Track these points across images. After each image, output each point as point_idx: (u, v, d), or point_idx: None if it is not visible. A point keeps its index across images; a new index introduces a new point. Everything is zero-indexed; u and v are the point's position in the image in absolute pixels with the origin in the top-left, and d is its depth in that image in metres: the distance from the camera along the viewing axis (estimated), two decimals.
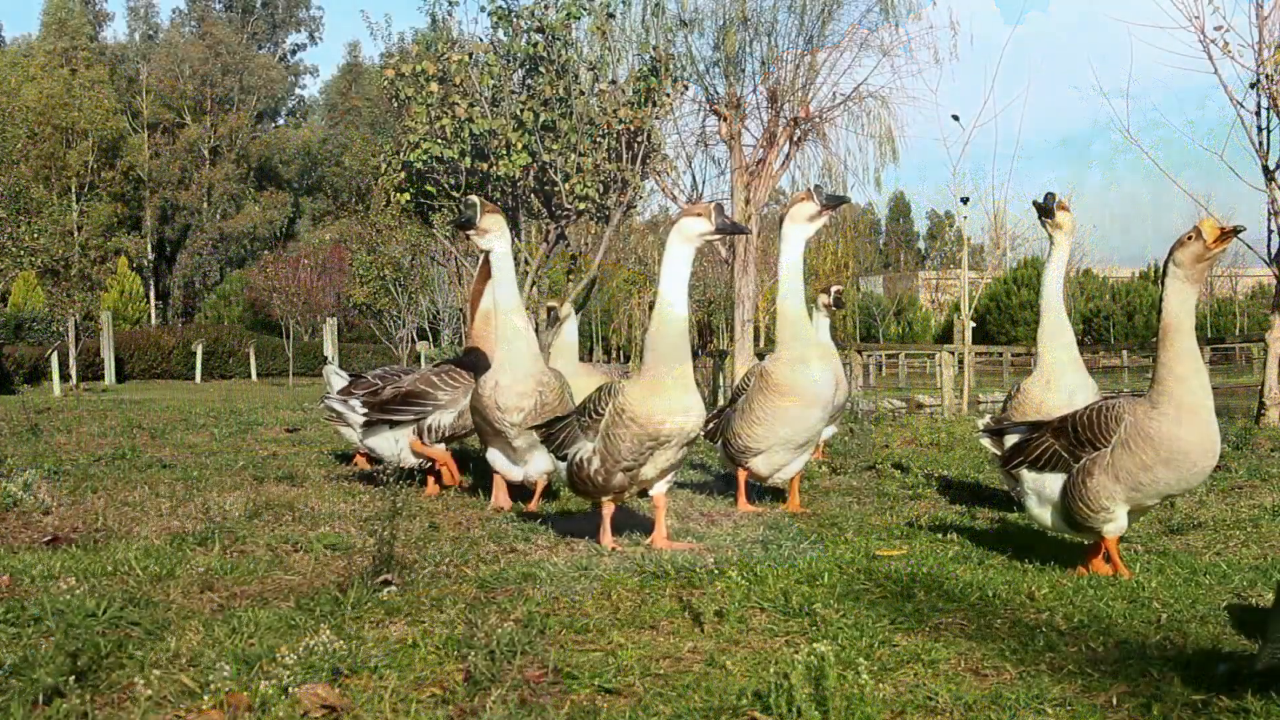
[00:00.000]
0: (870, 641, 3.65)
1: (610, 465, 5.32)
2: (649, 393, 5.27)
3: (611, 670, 3.37)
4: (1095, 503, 4.72)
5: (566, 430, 5.54)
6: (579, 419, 5.48)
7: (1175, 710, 3.06)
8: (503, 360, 6.46)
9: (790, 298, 6.54)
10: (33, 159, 58.53)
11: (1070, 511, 4.83)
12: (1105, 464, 4.69)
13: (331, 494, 7.04)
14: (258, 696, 3.03)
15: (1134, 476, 4.64)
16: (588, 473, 5.37)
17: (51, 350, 32.41)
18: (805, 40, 23.59)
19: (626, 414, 5.25)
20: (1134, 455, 4.62)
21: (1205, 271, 4.63)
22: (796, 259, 6.55)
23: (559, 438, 5.57)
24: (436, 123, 15.57)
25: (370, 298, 44.95)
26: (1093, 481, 4.71)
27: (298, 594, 4.31)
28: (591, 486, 5.41)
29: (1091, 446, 4.76)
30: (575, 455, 5.44)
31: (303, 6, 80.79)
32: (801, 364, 6.46)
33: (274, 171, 75.95)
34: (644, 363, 5.38)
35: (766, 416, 6.54)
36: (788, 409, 6.51)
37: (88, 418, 13.31)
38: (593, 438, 5.36)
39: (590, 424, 5.38)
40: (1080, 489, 4.75)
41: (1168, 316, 4.60)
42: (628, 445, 5.27)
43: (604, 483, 5.37)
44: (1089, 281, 67.80)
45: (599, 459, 5.33)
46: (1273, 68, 12.55)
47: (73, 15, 66.69)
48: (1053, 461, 4.92)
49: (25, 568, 4.62)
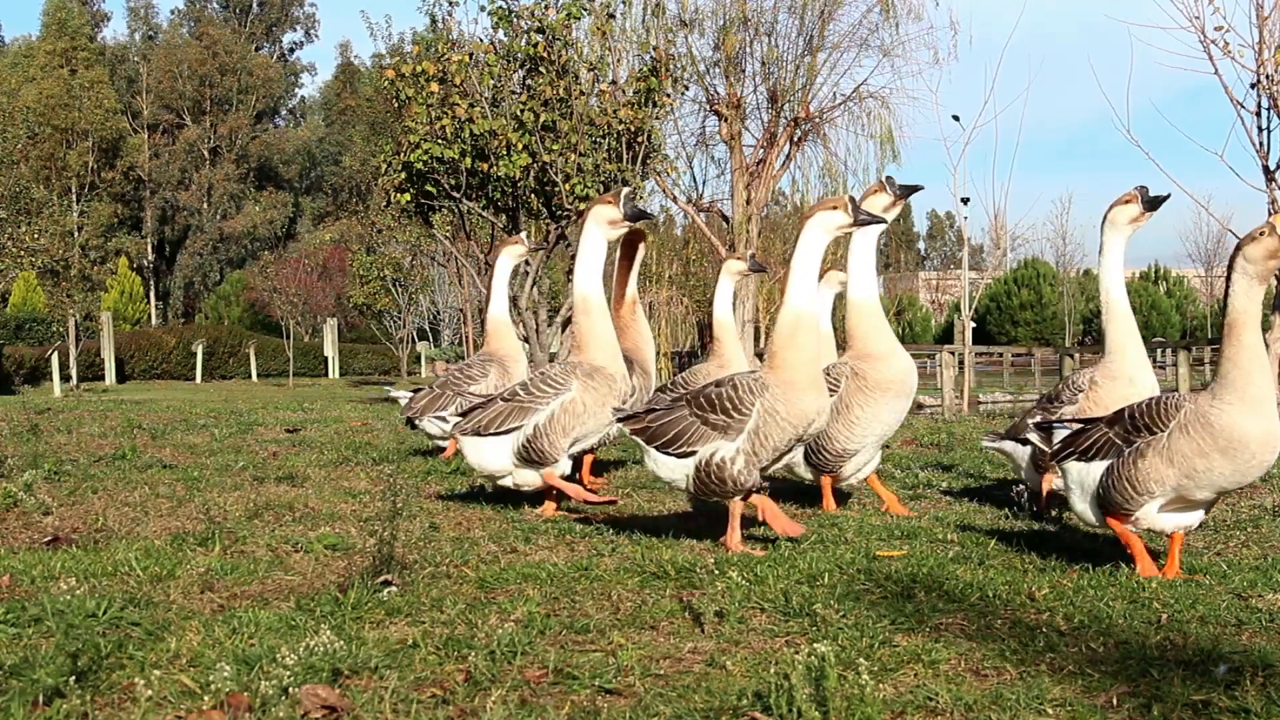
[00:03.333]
0: (871, 642, 3.64)
1: (754, 464, 5.31)
2: (800, 392, 5.28)
3: (612, 670, 3.37)
4: (1141, 485, 4.66)
5: (686, 428, 5.39)
6: (708, 416, 5.34)
7: (1175, 710, 3.06)
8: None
9: (865, 290, 6.37)
10: (33, 159, 58.53)
11: (1109, 491, 4.76)
12: (1160, 447, 4.64)
13: (331, 494, 7.03)
14: (258, 697, 3.03)
15: (1189, 462, 4.59)
16: (730, 473, 5.29)
17: (52, 351, 32.44)
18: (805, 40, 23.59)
19: (780, 414, 5.25)
20: (1192, 440, 4.57)
21: (1275, 268, 4.59)
22: (870, 251, 6.38)
23: (678, 436, 5.38)
24: (437, 123, 15.57)
25: (370, 298, 44.98)
26: (1144, 463, 4.66)
27: (298, 594, 4.31)
28: (731, 486, 5.32)
29: (1148, 432, 4.71)
30: (712, 455, 5.31)
31: (297, 4, 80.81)
32: (893, 356, 6.35)
33: (274, 171, 75.97)
34: (785, 362, 5.34)
35: (867, 416, 6.37)
36: (888, 404, 6.39)
37: (88, 418, 13.31)
38: (734, 437, 5.29)
39: (731, 423, 5.29)
40: (1129, 468, 4.69)
41: (1234, 312, 4.57)
42: (774, 444, 5.29)
43: (745, 482, 5.33)
44: (1089, 281, 67.83)
45: (744, 459, 5.29)
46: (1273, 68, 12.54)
47: (73, 15, 66.69)
48: (1103, 450, 4.85)
49: (25, 568, 4.63)
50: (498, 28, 16.18)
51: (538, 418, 6.17)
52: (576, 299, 6.32)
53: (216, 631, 3.68)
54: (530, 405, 6.21)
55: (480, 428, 6.27)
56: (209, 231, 70.61)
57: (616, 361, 6.31)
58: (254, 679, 3.14)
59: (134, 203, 68.96)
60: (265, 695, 3.02)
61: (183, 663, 3.39)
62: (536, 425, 6.17)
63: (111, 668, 3.32)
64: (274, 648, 3.38)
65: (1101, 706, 3.12)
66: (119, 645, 3.49)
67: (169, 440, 10.51)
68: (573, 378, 6.20)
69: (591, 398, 6.18)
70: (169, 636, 3.62)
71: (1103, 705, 3.13)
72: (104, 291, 52.79)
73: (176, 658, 3.43)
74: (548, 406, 6.17)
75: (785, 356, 5.36)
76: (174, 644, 3.53)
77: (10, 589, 4.34)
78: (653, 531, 5.71)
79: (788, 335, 5.36)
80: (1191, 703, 3.10)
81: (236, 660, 3.30)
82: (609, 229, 6.29)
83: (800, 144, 24.57)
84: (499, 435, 6.26)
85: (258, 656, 3.33)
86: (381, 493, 6.58)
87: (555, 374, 6.26)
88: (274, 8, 79.96)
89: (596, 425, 6.30)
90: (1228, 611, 4.09)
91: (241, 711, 2.99)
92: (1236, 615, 4.05)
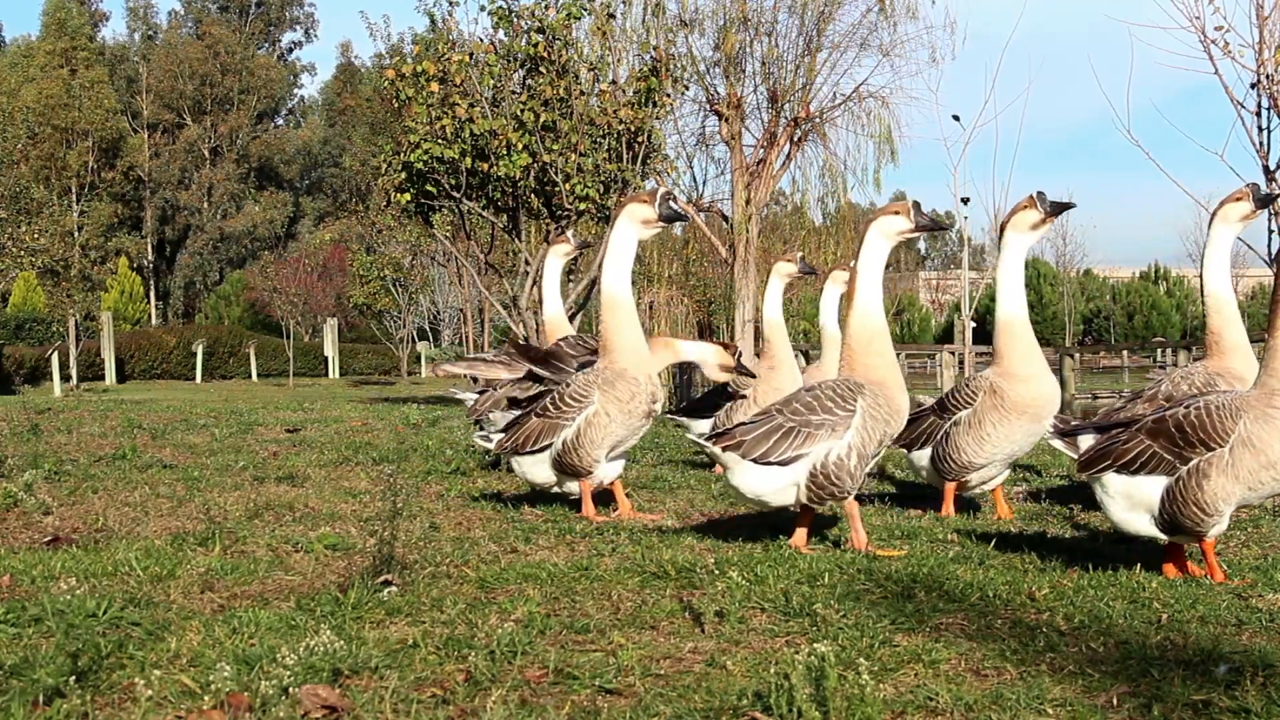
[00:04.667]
0: (871, 642, 3.64)
1: (865, 460, 5.34)
2: (893, 392, 5.35)
3: (612, 670, 3.37)
4: (1212, 505, 4.54)
5: (786, 434, 5.33)
6: (809, 419, 5.32)
7: (1175, 710, 3.06)
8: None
9: (1015, 307, 6.18)
10: (33, 159, 58.57)
11: (1178, 515, 4.61)
12: (1224, 464, 4.51)
13: (332, 494, 7.04)
14: (258, 697, 3.03)
15: (1255, 476, 4.50)
16: (848, 468, 5.28)
17: (52, 351, 32.44)
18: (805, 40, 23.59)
19: (881, 411, 5.30)
20: (1258, 454, 4.47)
21: None
22: (1018, 267, 6.21)
23: (779, 444, 5.32)
24: (437, 123, 15.58)
25: (370, 298, 44.98)
26: (1209, 484, 4.52)
27: (298, 594, 4.31)
28: (850, 483, 5.31)
29: (1204, 447, 4.55)
30: (828, 455, 5.28)
31: (296, 4, 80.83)
32: (1037, 380, 6.19)
33: (274, 171, 75.99)
34: (869, 367, 5.37)
35: (999, 435, 6.25)
36: (1023, 426, 6.24)
37: (88, 418, 13.31)
38: (842, 434, 5.29)
39: (839, 420, 5.29)
40: (1195, 491, 4.55)
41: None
42: (876, 439, 5.34)
43: (860, 478, 5.34)
44: (1089, 281, 67.88)
45: (856, 455, 5.30)
46: (1273, 68, 12.55)
47: (72, 15, 66.71)
48: (1150, 464, 4.68)
49: (26, 568, 4.63)
50: (498, 28, 16.19)
51: (566, 434, 6.21)
52: (605, 298, 6.30)
53: (217, 631, 3.68)
54: (558, 421, 6.24)
55: (518, 446, 6.36)
56: (209, 231, 70.62)
57: (642, 363, 6.28)
58: (254, 679, 3.14)
59: (134, 203, 68.97)
60: (265, 695, 3.02)
61: (183, 663, 3.39)
62: (565, 441, 6.21)
63: (112, 668, 3.31)
64: (274, 648, 3.38)
65: (1102, 706, 3.11)
66: (119, 645, 3.48)
67: (169, 440, 10.51)
68: (594, 389, 6.21)
69: (615, 406, 6.18)
70: (169, 636, 3.62)
71: (1103, 705, 3.13)
72: (104, 291, 52.83)
73: (177, 658, 3.43)
74: (573, 423, 6.20)
75: (870, 362, 5.38)
76: (174, 644, 3.53)
77: (10, 589, 4.34)
78: (653, 531, 5.71)
79: (865, 343, 5.39)
80: (1192, 703, 3.10)
81: (237, 660, 3.30)
82: (642, 228, 6.24)
83: (800, 144, 24.55)
84: (535, 453, 6.33)
85: (258, 656, 3.33)
86: (381, 493, 6.58)
87: (579, 387, 6.26)
88: (273, 7, 79.97)
89: (630, 429, 6.31)
90: (1228, 611, 4.09)
91: (241, 711, 2.99)
92: (1237, 615, 4.05)
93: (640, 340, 6.35)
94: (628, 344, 6.26)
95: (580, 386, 6.26)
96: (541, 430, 6.28)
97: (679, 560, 4.81)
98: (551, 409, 6.28)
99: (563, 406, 6.24)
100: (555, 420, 6.24)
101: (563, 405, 6.25)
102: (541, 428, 6.29)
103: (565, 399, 6.26)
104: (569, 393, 6.27)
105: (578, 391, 6.24)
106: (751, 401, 7.88)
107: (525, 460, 6.40)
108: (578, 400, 6.22)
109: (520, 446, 6.34)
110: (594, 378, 6.25)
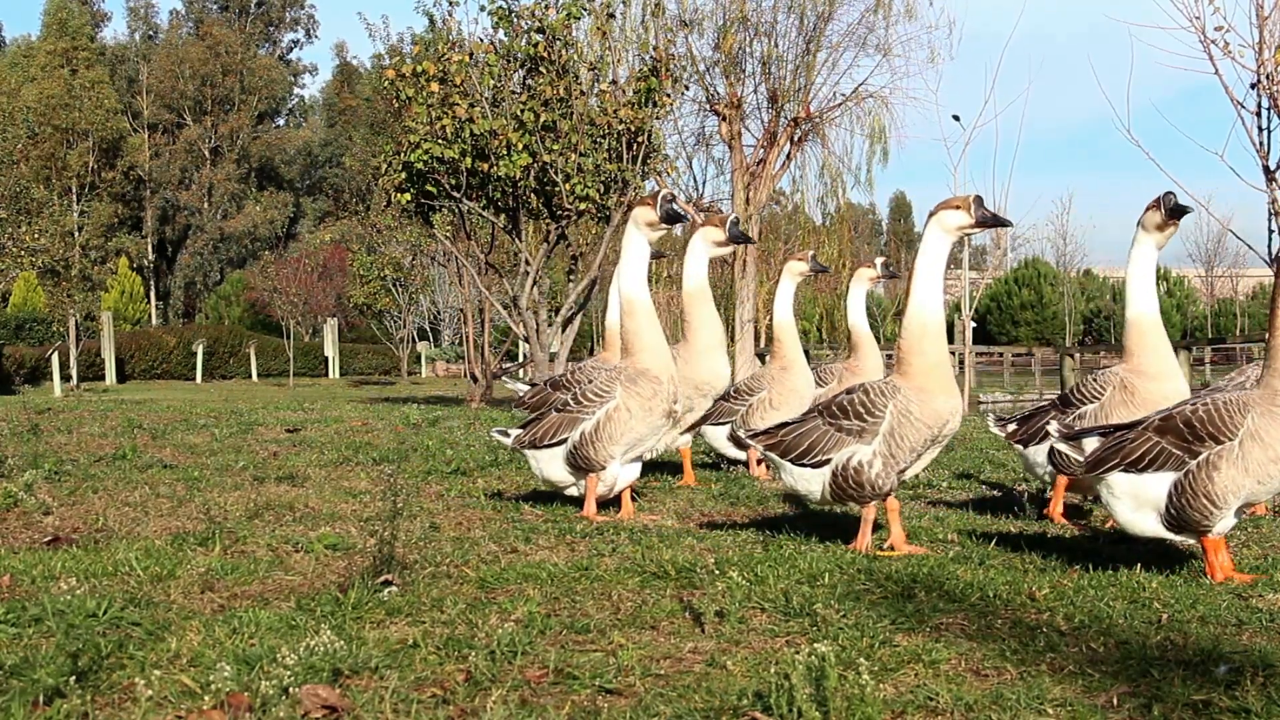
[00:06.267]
0: (871, 642, 3.64)
1: (892, 467, 5.31)
2: (931, 394, 5.29)
3: (612, 670, 3.37)
4: (1222, 497, 4.57)
5: (820, 438, 5.40)
6: (841, 423, 5.37)
7: (1176, 710, 3.06)
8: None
9: (1146, 304, 6.14)
10: (33, 159, 58.56)
11: (1186, 509, 4.62)
12: (1234, 456, 4.55)
13: (332, 494, 7.04)
14: (258, 697, 3.03)
15: (1264, 469, 4.54)
16: (868, 475, 5.30)
17: (52, 351, 32.45)
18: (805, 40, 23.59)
19: (914, 415, 5.26)
20: (1266, 448, 4.51)
21: None
22: (1151, 264, 6.16)
23: (813, 446, 5.41)
24: (437, 123, 15.57)
25: (370, 298, 45.00)
26: (1220, 475, 4.55)
27: (298, 594, 4.31)
28: (869, 490, 5.32)
29: (1214, 441, 4.59)
30: (849, 460, 5.32)
31: (296, 4, 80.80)
32: (1166, 379, 6.15)
33: (275, 171, 76.01)
34: (915, 369, 5.32)
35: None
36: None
37: (88, 418, 13.31)
38: (869, 440, 5.30)
39: (866, 426, 5.30)
40: (1204, 484, 4.58)
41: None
42: (910, 444, 5.30)
43: (883, 485, 5.34)
44: (1089, 281, 67.84)
45: (881, 461, 5.30)
46: (1273, 67, 12.55)
47: (73, 15, 66.72)
48: (1158, 461, 4.71)
49: (26, 568, 4.62)
50: (498, 28, 16.19)
51: (584, 426, 6.21)
52: (624, 301, 6.33)
53: (217, 631, 3.68)
54: (579, 415, 6.24)
55: (536, 440, 6.35)
56: (209, 231, 70.64)
57: (665, 363, 6.27)
58: (254, 679, 3.14)
59: (134, 203, 68.99)
60: (265, 695, 3.02)
61: (183, 663, 3.39)
62: (583, 433, 6.20)
63: (112, 668, 3.31)
64: (274, 648, 3.38)
65: (1102, 706, 3.12)
66: (119, 645, 3.49)
67: (169, 440, 10.51)
68: (616, 384, 6.22)
69: (637, 403, 6.17)
70: (169, 636, 3.62)
71: (1103, 705, 3.13)
72: (104, 291, 52.81)
73: (177, 658, 3.43)
74: (593, 416, 6.20)
75: (914, 362, 5.34)
76: (174, 644, 3.53)
77: (10, 589, 4.34)
78: (653, 531, 5.71)
79: (915, 341, 5.35)
80: (1192, 703, 3.10)
81: (237, 660, 3.30)
82: (648, 231, 6.33)
83: (800, 144, 24.58)
84: (552, 447, 6.31)
85: (258, 656, 3.33)
86: (382, 493, 6.58)
87: (601, 383, 6.28)
88: (273, 8, 79.98)
89: (649, 429, 6.30)
90: (1228, 611, 4.09)
91: (242, 711, 2.99)
92: (1237, 615, 4.05)
93: (662, 341, 6.35)
94: (650, 344, 6.28)
95: (603, 382, 6.27)
96: (560, 424, 6.28)
97: (679, 560, 4.81)
98: (573, 404, 6.29)
99: (584, 401, 6.26)
100: (575, 414, 6.25)
101: (584, 400, 6.26)
102: (560, 422, 6.29)
103: (587, 394, 6.27)
104: (591, 389, 6.29)
105: (600, 387, 6.25)
106: (768, 404, 7.92)
107: (542, 455, 6.37)
108: (599, 395, 6.23)
109: (539, 440, 6.33)
110: (617, 374, 6.28)
